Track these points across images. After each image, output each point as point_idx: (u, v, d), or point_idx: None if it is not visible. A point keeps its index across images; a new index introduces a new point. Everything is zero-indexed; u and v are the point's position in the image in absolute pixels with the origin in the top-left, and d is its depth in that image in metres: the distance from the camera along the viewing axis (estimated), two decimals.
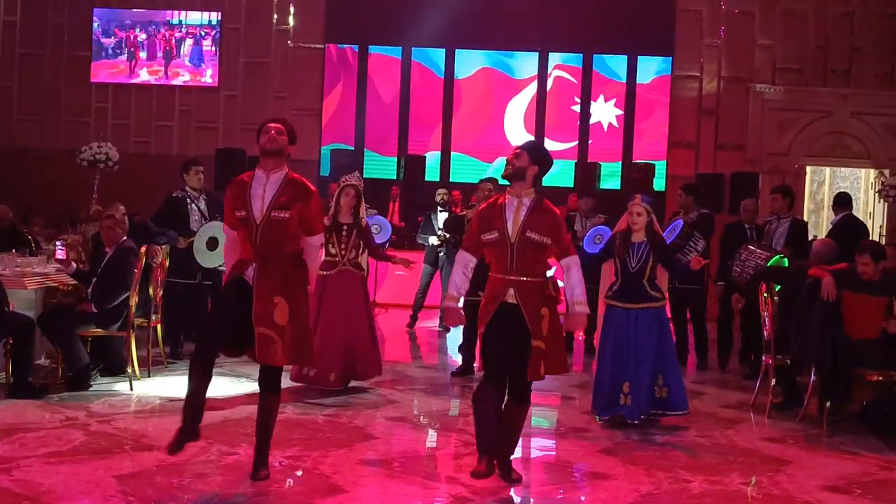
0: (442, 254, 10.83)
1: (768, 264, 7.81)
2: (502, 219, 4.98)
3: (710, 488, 5.22)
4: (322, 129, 15.94)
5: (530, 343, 4.91)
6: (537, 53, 15.86)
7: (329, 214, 7.24)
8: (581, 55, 15.80)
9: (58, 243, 7.85)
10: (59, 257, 7.56)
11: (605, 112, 15.94)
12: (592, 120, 15.87)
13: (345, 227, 7.29)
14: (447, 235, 10.65)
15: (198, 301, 8.51)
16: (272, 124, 5.04)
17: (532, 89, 15.93)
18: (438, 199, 11.05)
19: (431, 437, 6.22)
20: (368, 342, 7.35)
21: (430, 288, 11.08)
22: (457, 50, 15.91)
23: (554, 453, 6.04)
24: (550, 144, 15.66)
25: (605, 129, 15.89)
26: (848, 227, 8.97)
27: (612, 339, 6.59)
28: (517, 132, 15.80)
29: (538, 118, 15.89)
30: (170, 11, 16.07)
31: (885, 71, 15.63)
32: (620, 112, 15.88)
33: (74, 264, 7.56)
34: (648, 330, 6.49)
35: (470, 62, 16.03)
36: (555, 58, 15.94)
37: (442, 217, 10.86)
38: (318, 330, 7.04)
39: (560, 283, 5.26)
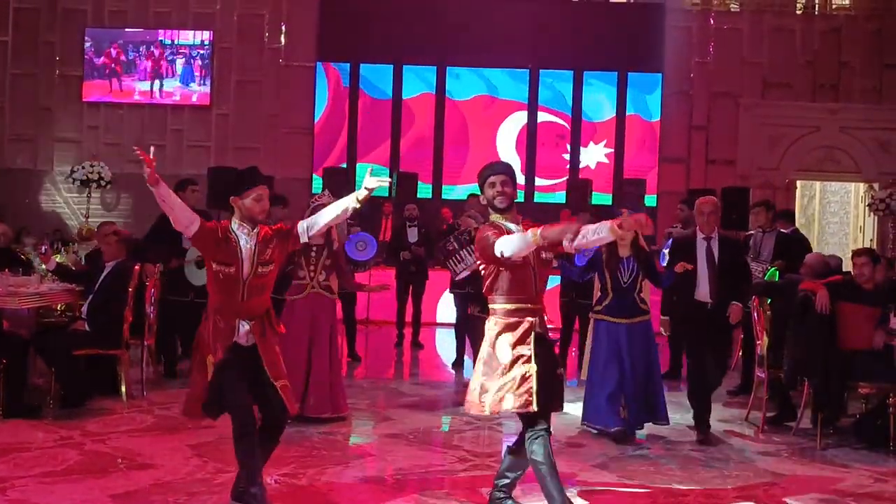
0: (413, 269, 10.85)
1: (765, 277, 7.87)
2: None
3: (705, 501, 5.23)
4: (314, 147, 15.97)
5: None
6: (528, 71, 15.93)
7: None
8: (571, 72, 15.87)
9: (45, 243, 7.87)
10: (41, 252, 7.56)
11: (594, 155, 15.94)
12: (582, 164, 15.87)
13: (314, 249, 6.83)
14: (419, 250, 10.70)
15: (192, 319, 8.48)
16: (265, 190, 4.74)
17: (522, 118, 15.98)
18: (407, 214, 11.07)
19: (426, 454, 6.22)
20: (326, 374, 6.84)
21: (406, 303, 11.10)
22: (448, 67, 15.97)
23: None
24: (541, 181, 15.79)
25: (594, 167, 15.88)
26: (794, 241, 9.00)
27: (604, 354, 6.61)
28: (508, 154, 15.85)
29: (529, 140, 15.91)
30: (162, 31, 16.12)
31: (873, 85, 15.77)
32: (610, 151, 15.87)
33: (55, 260, 7.54)
34: (644, 343, 6.59)
35: (462, 83, 16.08)
36: (545, 93, 15.98)
37: (412, 233, 10.88)
38: (285, 355, 6.86)
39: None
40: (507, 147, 15.92)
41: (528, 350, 4.49)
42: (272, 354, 4.72)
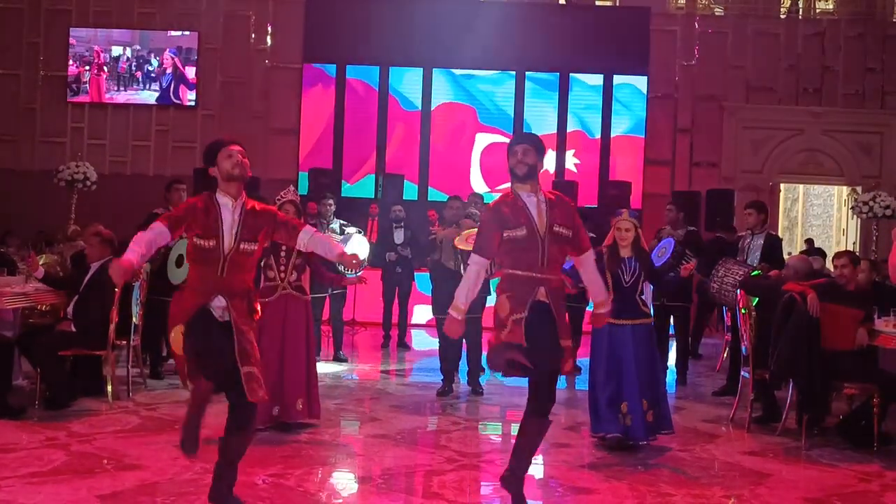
0: (399, 270, 10.87)
1: None
2: (527, 215, 4.73)
3: (692, 502, 5.25)
4: (300, 148, 15.95)
5: (560, 345, 4.72)
6: (514, 73, 15.95)
7: None
8: (557, 74, 15.91)
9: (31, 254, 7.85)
10: (28, 261, 7.52)
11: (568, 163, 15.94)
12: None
13: (283, 248, 6.59)
14: (406, 251, 10.73)
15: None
16: (236, 147, 4.69)
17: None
18: (393, 216, 11.08)
19: (413, 454, 6.22)
20: (303, 378, 6.61)
21: (393, 304, 11.12)
22: (434, 69, 15.97)
23: (536, 468, 6.03)
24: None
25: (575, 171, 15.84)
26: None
27: (605, 356, 6.40)
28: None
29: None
30: (147, 31, 16.06)
31: (856, 89, 15.92)
32: (578, 161, 15.86)
33: (42, 269, 7.47)
34: (645, 345, 6.41)
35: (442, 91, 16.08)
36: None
37: (398, 234, 10.89)
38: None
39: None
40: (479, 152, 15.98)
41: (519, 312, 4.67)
42: (245, 337, 4.51)
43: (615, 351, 6.37)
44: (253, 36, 16.06)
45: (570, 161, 15.84)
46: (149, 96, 16.04)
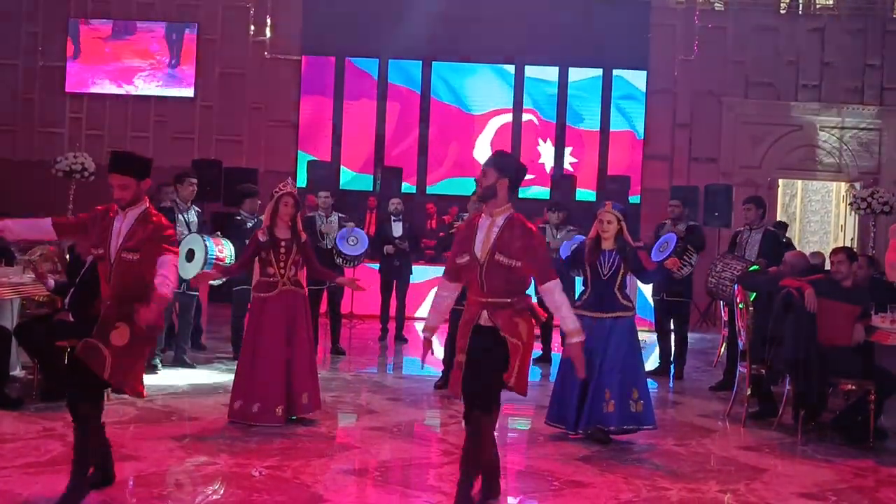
0: (397, 263, 10.88)
1: None
2: (473, 240, 4.69)
3: (688, 496, 5.27)
4: (298, 140, 15.93)
5: (506, 347, 4.61)
6: (513, 66, 15.93)
7: (263, 228, 6.62)
8: (556, 68, 15.88)
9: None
10: (38, 272, 7.47)
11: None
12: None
13: (283, 243, 6.53)
14: (404, 245, 10.73)
15: (184, 311, 8.75)
16: (112, 179, 4.90)
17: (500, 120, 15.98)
18: (392, 208, 11.08)
19: (410, 447, 6.23)
20: (308, 373, 6.60)
21: (391, 297, 11.13)
22: (433, 62, 15.93)
23: (531, 462, 6.04)
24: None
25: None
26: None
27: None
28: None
29: (514, 135, 15.86)
30: (146, 22, 16.03)
31: (855, 86, 15.89)
32: (575, 160, 15.81)
33: (52, 280, 7.41)
34: (621, 340, 6.37)
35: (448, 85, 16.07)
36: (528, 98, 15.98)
37: (396, 227, 10.89)
38: (260, 358, 6.46)
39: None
40: (483, 142, 15.94)
41: (463, 339, 4.77)
42: (106, 324, 4.69)
43: (592, 346, 6.17)
44: (252, 27, 16.02)
45: (568, 159, 15.81)
46: (145, 87, 16.00)
